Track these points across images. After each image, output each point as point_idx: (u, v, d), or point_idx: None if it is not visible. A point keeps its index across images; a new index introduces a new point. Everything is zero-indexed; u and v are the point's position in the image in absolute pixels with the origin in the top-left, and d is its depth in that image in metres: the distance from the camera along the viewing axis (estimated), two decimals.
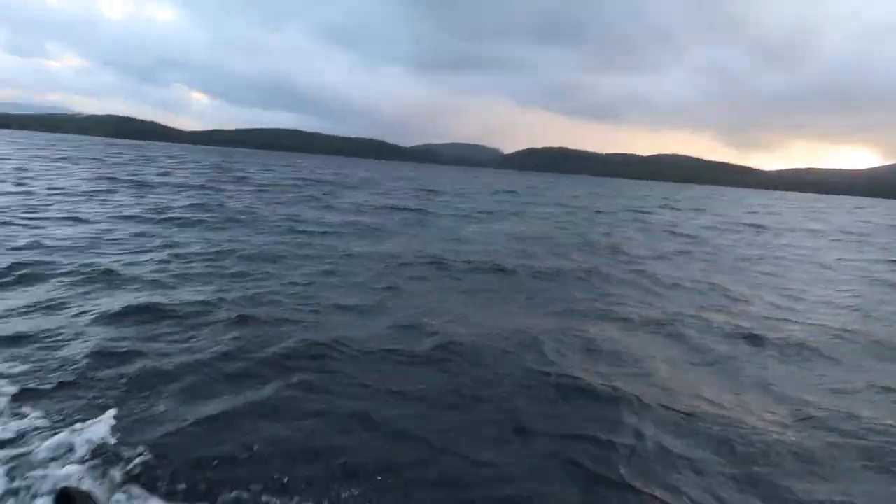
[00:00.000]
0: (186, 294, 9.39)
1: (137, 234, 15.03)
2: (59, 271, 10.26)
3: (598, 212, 36.82)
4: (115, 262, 11.45)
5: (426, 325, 8.61)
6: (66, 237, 13.74)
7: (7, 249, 11.77)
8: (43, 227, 14.93)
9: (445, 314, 9.36)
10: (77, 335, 7.02)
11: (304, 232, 18.14)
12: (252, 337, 7.40)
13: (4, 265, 10.21)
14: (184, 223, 17.86)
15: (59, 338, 6.87)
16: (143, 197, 24.34)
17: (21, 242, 12.62)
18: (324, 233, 18.31)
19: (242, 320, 8.04)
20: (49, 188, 24.52)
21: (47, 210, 18.01)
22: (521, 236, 21.02)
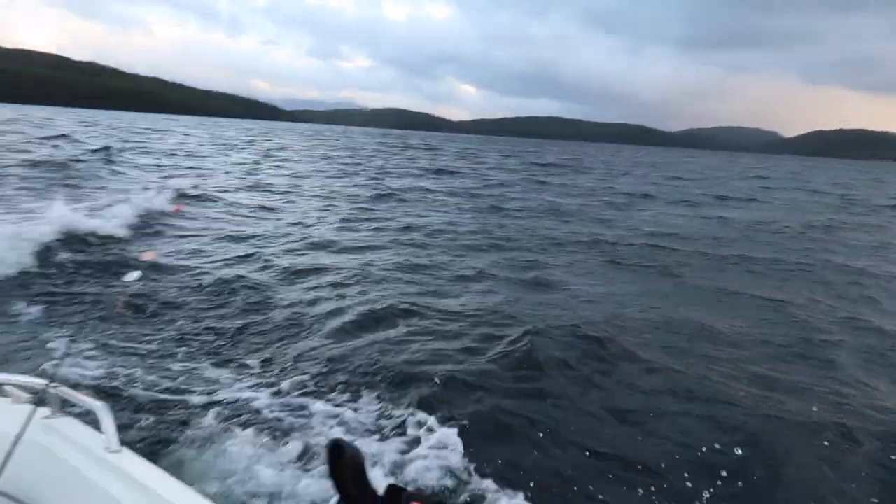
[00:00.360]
0: (358, 257, 11.10)
1: (353, 209, 17.59)
2: (266, 235, 12.88)
3: (852, 200, 32.22)
4: (322, 230, 13.88)
5: (531, 294, 9.25)
6: (291, 210, 16.79)
7: (240, 213, 14.92)
8: (279, 200, 18.39)
9: (559, 287, 9.83)
10: (265, 286, 8.83)
11: (501, 210, 19.37)
12: (390, 291, 8.76)
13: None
14: (396, 200, 20.25)
15: (256, 286, 8.66)
16: (378, 179, 27.63)
17: (247, 209, 15.85)
18: (519, 211, 19.35)
19: (387, 280, 9.47)
20: (307, 171, 29.28)
21: (295, 188, 21.81)
22: (729, 220, 19.80)
